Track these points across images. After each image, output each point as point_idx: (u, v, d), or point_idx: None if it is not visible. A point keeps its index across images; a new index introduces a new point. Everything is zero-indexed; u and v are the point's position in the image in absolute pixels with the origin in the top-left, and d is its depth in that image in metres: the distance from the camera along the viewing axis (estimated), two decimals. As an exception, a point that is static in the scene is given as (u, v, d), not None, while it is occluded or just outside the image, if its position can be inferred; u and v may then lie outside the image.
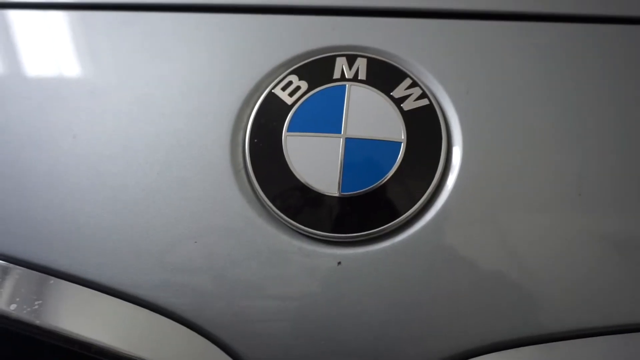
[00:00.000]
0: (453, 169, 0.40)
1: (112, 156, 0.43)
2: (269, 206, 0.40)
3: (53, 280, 0.42)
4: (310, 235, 0.40)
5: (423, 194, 0.40)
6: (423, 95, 0.42)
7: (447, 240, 0.39)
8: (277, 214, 0.40)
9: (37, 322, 0.40)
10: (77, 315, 0.41)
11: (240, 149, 0.42)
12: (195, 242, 0.41)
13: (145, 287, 0.41)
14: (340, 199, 0.40)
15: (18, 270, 0.42)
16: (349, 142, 0.41)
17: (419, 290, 0.39)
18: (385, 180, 0.40)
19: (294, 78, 0.43)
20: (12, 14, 0.49)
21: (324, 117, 0.41)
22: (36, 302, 0.41)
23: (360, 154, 0.40)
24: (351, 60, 0.43)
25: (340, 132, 0.41)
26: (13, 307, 0.40)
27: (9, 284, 0.42)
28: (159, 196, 0.42)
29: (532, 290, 0.38)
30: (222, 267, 0.40)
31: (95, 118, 0.44)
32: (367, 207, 0.40)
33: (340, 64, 0.43)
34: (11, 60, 0.48)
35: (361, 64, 0.43)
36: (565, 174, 0.39)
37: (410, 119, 0.41)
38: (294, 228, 0.40)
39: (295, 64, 0.43)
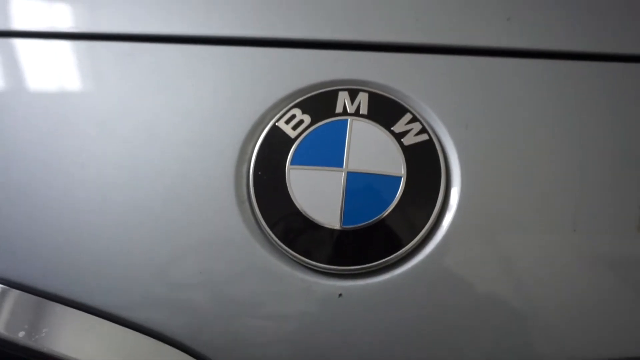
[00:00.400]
0: (451, 204, 0.41)
1: (119, 185, 0.44)
2: (271, 237, 0.41)
3: (52, 304, 0.43)
4: (312, 267, 0.41)
5: (422, 228, 0.41)
6: (423, 131, 0.43)
7: (446, 273, 0.40)
8: (279, 245, 0.41)
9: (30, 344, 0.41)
10: (70, 338, 0.42)
11: (244, 180, 0.43)
12: (200, 272, 0.42)
13: (148, 313, 0.42)
14: (341, 232, 0.41)
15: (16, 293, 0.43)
16: (351, 175, 0.42)
17: (418, 322, 0.40)
18: (386, 214, 0.41)
19: (297, 111, 0.44)
20: (22, 43, 0.50)
21: (326, 151, 0.42)
22: (43, 330, 0.42)
23: (362, 188, 0.41)
24: (353, 94, 0.44)
25: (342, 166, 0.42)
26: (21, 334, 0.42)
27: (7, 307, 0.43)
28: (164, 225, 0.43)
29: (532, 323, 0.39)
30: (225, 296, 0.41)
31: (103, 147, 0.45)
32: (368, 240, 0.41)
33: (343, 98, 0.44)
34: (21, 89, 0.49)
35: (363, 98, 0.44)
36: (562, 212, 0.40)
37: (411, 153, 0.42)
38: (296, 260, 0.41)
39: (299, 98, 0.45)
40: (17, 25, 0.51)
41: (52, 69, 0.49)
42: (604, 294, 0.40)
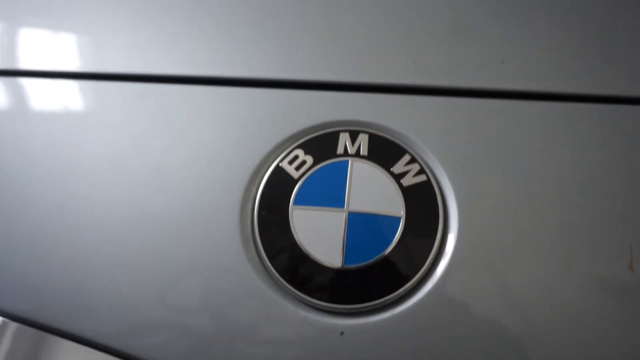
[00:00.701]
0: (449, 245, 0.43)
1: (127, 225, 0.45)
2: (274, 275, 0.43)
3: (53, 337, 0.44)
4: (314, 305, 0.42)
5: (421, 267, 0.42)
6: (421, 171, 0.44)
7: (445, 311, 0.42)
8: (282, 283, 0.43)
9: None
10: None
11: (249, 219, 0.45)
12: (204, 308, 0.43)
13: (150, 350, 0.43)
14: (342, 272, 0.42)
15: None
16: (352, 216, 0.43)
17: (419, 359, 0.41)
18: (386, 253, 0.42)
19: (300, 152, 0.46)
20: (29, 82, 0.52)
21: (328, 192, 0.44)
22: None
23: (362, 228, 0.43)
24: (354, 135, 0.46)
25: (343, 207, 0.43)
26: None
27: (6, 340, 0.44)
28: (170, 262, 0.44)
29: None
30: (227, 332, 0.43)
31: (112, 188, 0.46)
32: (369, 279, 0.42)
33: (344, 139, 0.46)
34: (30, 129, 0.50)
35: (363, 139, 0.46)
36: (556, 254, 0.42)
37: (409, 194, 0.44)
38: (299, 298, 0.42)
39: (301, 139, 0.46)
40: (27, 64, 0.53)
41: (58, 109, 0.50)
42: (600, 332, 0.41)
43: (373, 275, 0.42)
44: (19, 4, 0.55)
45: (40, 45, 0.53)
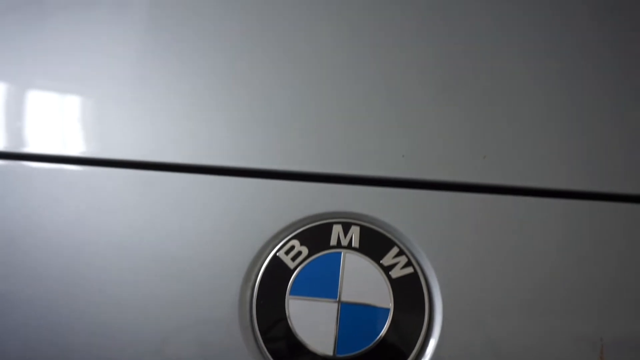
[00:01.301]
0: (434, 334, 0.46)
1: (129, 310, 0.48)
2: (272, 362, 0.46)
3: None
4: (309, 392, 0.45)
5: (409, 356, 0.45)
6: (409, 264, 0.48)
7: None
8: (279, 370, 0.46)
9: None
10: None
11: (247, 307, 0.48)
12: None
13: None
14: (335, 361, 0.45)
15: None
16: (344, 307, 0.46)
17: None
18: (376, 343, 0.45)
19: (296, 243, 0.49)
20: (35, 167, 0.55)
21: (322, 283, 0.47)
22: None
23: (354, 318, 0.46)
24: (346, 227, 0.49)
25: (336, 297, 0.47)
26: None
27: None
28: (169, 346, 0.47)
29: None
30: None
31: (118, 274, 0.49)
32: (359, 368, 0.45)
33: (337, 231, 0.49)
34: (40, 214, 0.53)
35: (355, 232, 0.49)
36: (532, 343, 0.45)
37: (397, 286, 0.47)
38: (294, 384, 0.45)
39: (298, 229, 0.49)
40: (36, 149, 0.56)
41: (66, 195, 0.53)
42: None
43: (364, 364, 0.45)
44: (30, 88, 0.58)
45: (49, 131, 0.56)
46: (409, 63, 0.55)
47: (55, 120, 0.57)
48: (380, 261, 0.48)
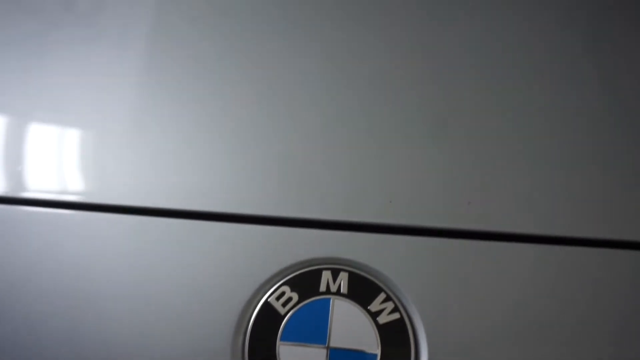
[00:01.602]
0: (420, 380, 0.48)
1: (123, 355, 0.50)
2: (263, 407, 0.47)
3: None
4: None
5: (395, 401, 0.47)
6: (395, 309, 0.49)
7: None
8: (270, 415, 0.47)
9: None
10: None
11: (239, 353, 0.49)
12: None
13: None
14: (324, 406, 0.47)
15: None
16: (333, 352, 0.48)
17: None
18: (363, 388, 0.47)
19: (286, 289, 0.50)
20: (30, 212, 0.56)
21: (312, 328, 0.49)
22: None
23: (342, 364, 0.48)
24: (335, 273, 0.51)
25: (325, 343, 0.48)
26: None
27: None
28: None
29: None
30: None
31: (110, 320, 0.51)
32: (348, 413, 0.47)
33: (326, 277, 0.51)
34: (35, 259, 0.54)
35: (343, 278, 0.51)
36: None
37: (384, 332, 0.49)
38: None
39: (288, 275, 0.51)
40: (34, 194, 0.58)
41: (64, 241, 0.55)
42: None
43: (352, 410, 0.47)
44: (27, 134, 0.60)
45: (46, 176, 0.58)
46: (395, 110, 0.57)
47: (53, 165, 0.59)
48: (368, 307, 0.49)
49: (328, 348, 0.48)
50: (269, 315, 0.50)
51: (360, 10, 0.63)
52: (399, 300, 0.50)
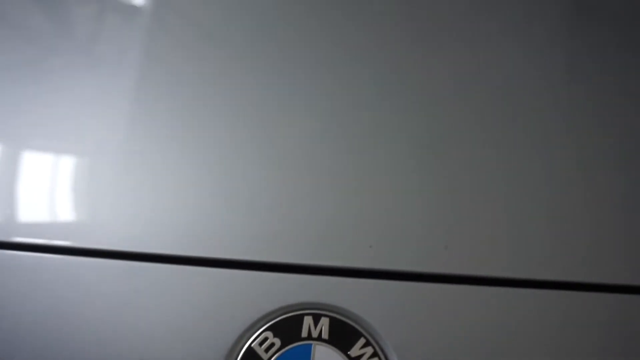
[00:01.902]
0: None
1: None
2: None
3: None
4: None
5: None
6: (374, 354, 0.51)
7: None
8: None
9: None
10: None
11: (223, 400, 0.50)
12: None
13: None
14: None
15: None
16: (314, 399, 0.49)
17: None
18: None
19: (269, 334, 0.52)
20: (23, 257, 0.57)
21: (293, 375, 0.50)
22: None
23: (323, 411, 0.49)
24: (316, 319, 0.52)
25: (306, 390, 0.50)
26: None
27: None
28: None
29: None
30: None
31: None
32: None
33: (308, 322, 0.52)
34: (21, 303, 0.55)
35: (325, 323, 0.52)
36: None
37: (364, 377, 0.50)
38: None
39: (271, 320, 0.52)
40: (20, 238, 0.58)
41: (46, 283, 0.56)
42: None
43: None
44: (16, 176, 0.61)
45: (33, 220, 0.59)
46: (375, 155, 0.59)
47: (40, 209, 0.59)
48: (348, 352, 0.51)
49: (309, 394, 0.49)
50: (252, 361, 0.51)
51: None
52: (378, 345, 0.51)
